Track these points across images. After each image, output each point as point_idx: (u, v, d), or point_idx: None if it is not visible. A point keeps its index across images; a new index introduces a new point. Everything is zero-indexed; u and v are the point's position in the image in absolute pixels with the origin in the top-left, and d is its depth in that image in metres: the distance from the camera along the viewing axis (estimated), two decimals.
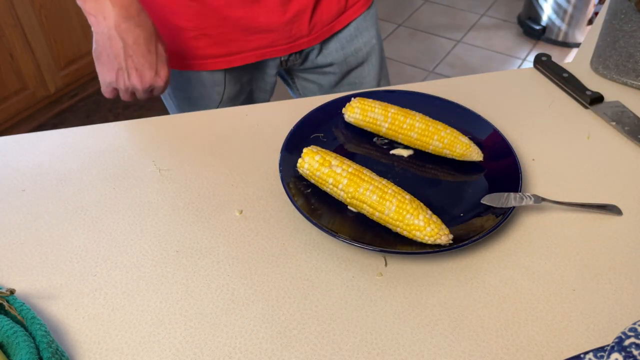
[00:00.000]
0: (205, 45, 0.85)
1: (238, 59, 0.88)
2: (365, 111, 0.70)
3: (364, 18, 0.94)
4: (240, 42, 0.86)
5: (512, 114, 0.77)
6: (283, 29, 0.86)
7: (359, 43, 0.95)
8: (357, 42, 0.95)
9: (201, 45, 0.85)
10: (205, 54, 0.86)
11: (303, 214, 0.58)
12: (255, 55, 0.88)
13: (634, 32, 0.79)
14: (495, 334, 0.51)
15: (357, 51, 0.96)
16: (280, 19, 0.85)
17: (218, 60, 0.87)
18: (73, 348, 0.50)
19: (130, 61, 0.73)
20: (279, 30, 0.86)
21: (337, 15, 0.91)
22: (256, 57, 0.89)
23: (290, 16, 0.85)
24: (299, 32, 0.88)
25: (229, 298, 0.54)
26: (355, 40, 0.95)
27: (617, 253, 0.58)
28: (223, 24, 0.83)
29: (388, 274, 0.56)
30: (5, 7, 1.88)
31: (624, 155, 0.71)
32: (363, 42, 0.96)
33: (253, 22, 0.84)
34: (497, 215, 0.59)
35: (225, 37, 0.85)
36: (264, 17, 0.84)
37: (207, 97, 0.92)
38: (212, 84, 0.90)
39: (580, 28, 2.58)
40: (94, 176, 0.67)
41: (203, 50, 0.86)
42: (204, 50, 0.86)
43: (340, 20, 0.92)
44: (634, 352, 0.43)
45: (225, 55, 0.87)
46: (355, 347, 0.50)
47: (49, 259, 0.57)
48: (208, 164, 0.69)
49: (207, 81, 0.90)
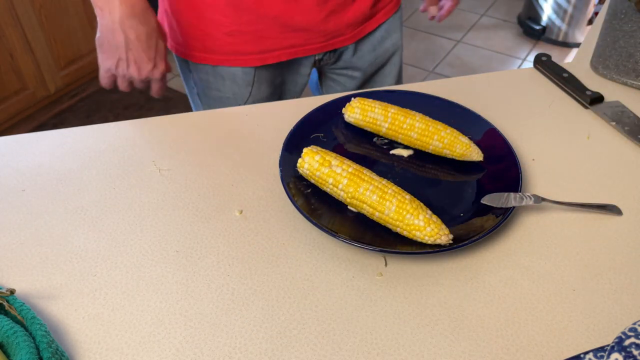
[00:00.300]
0: (239, 42, 0.86)
1: (272, 57, 0.88)
2: (365, 111, 0.70)
3: (393, 19, 0.96)
4: (275, 39, 0.87)
5: (512, 114, 0.77)
6: (318, 28, 0.87)
7: (388, 44, 0.97)
8: (386, 43, 0.97)
9: (235, 41, 0.86)
10: (238, 50, 0.87)
11: (303, 214, 0.58)
12: (289, 53, 0.89)
13: (634, 32, 0.79)
14: (495, 334, 0.51)
15: (385, 52, 0.98)
16: (316, 17, 0.86)
17: (251, 57, 0.88)
18: (73, 348, 0.50)
19: (131, 54, 0.77)
20: (314, 29, 0.87)
21: (370, 16, 0.92)
22: (290, 55, 0.89)
23: (326, 15, 0.86)
24: (334, 31, 0.89)
25: (229, 298, 0.54)
26: (385, 41, 0.96)
27: (617, 253, 0.58)
28: (259, 21, 0.84)
29: (388, 274, 0.56)
30: (5, 7, 1.88)
31: (624, 155, 0.71)
32: (391, 43, 0.98)
33: (289, 21, 0.85)
34: (497, 215, 0.59)
35: (260, 34, 0.85)
36: (301, 15, 0.85)
37: (239, 97, 0.92)
38: (246, 83, 0.91)
39: (580, 28, 2.58)
40: (94, 176, 0.67)
41: (237, 46, 0.86)
42: (238, 47, 0.86)
43: (372, 21, 0.93)
44: (634, 352, 0.43)
45: (259, 52, 0.87)
46: (355, 347, 0.50)
47: (49, 259, 0.57)
48: (208, 164, 0.69)
49: (240, 80, 0.90)
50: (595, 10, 2.54)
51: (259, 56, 0.88)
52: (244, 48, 0.87)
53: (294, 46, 0.88)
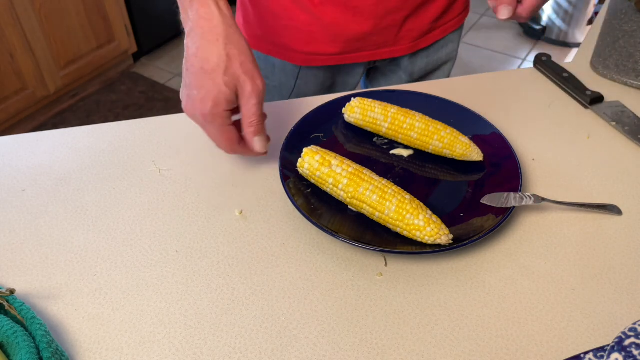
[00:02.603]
0: (292, 38, 0.85)
1: (319, 60, 0.88)
2: (365, 111, 0.70)
3: (453, 32, 0.95)
4: (326, 44, 0.86)
5: (512, 114, 0.77)
6: (372, 39, 0.86)
7: (442, 54, 0.96)
8: (441, 53, 0.95)
9: (289, 35, 0.85)
10: (288, 45, 0.86)
11: (303, 214, 0.58)
12: (337, 59, 0.88)
13: (634, 32, 0.79)
14: (495, 334, 0.51)
15: (437, 60, 0.96)
16: (371, 30, 0.84)
17: (298, 56, 0.87)
18: (73, 348, 0.50)
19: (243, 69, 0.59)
20: (368, 39, 0.86)
21: (430, 30, 0.90)
22: (337, 61, 0.88)
23: (382, 27, 0.85)
24: (386, 42, 0.88)
25: (229, 298, 0.54)
26: (441, 50, 0.95)
27: (617, 253, 0.58)
28: (314, 23, 0.83)
29: (388, 274, 0.56)
30: (5, 7, 1.89)
31: (624, 155, 0.71)
32: (446, 53, 0.96)
33: (343, 30, 0.84)
34: (497, 215, 0.59)
35: (312, 36, 0.85)
36: (355, 26, 0.84)
37: (285, 88, 0.91)
38: (293, 76, 0.90)
39: (580, 28, 2.58)
40: (94, 176, 0.67)
41: (289, 42, 0.86)
42: (290, 42, 0.86)
43: (432, 36, 0.91)
44: (634, 352, 0.43)
45: (307, 53, 0.87)
46: (355, 347, 0.50)
47: (49, 259, 0.57)
48: (208, 164, 0.69)
49: (289, 71, 0.90)
50: (595, 10, 2.54)
51: (306, 57, 0.87)
52: (294, 45, 0.86)
53: (344, 52, 0.87)
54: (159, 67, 2.51)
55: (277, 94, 0.93)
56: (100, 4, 2.20)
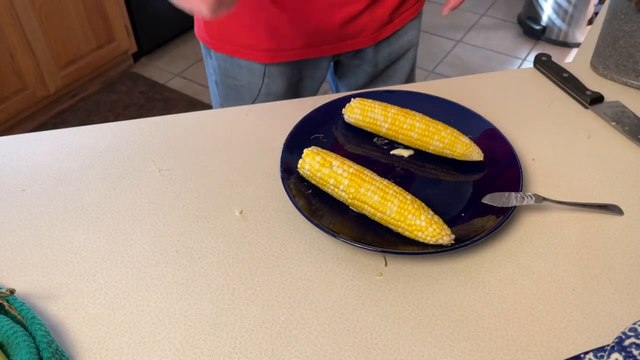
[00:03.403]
0: (254, 36, 0.86)
1: (284, 56, 0.88)
2: (365, 111, 0.70)
3: (413, 19, 0.96)
4: (289, 39, 0.86)
5: (512, 114, 0.77)
6: (334, 31, 0.87)
7: (404, 40, 0.97)
8: (403, 40, 0.97)
9: (251, 34, 0.86)
10: (252, 44, 0.87)
11: (305, 215, 0.58)
12: (302, 54, 0.89)
13: (634, 32, 0.79)
14: (495, 334, 0.51)
15: (400, 48, 0.98)
16: (333, 21, 0.85)
17: (263, 54, 0.88)
18: (73, 348, 0.50)
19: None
20: (331, 32, 0.87)
21: (390, 20, 0.92)
22: (302, 55, 0.89)
23: (343, 19, 0.86)
24: (349, 34, 0.89)
25: (229, 298, 0.54)
26: (402, 38, 0.97)
27: (617, 253, 0.58)
28: (275, 18, 0.84)
29: (388, 274, 0.56)
30: (5, 7, 1.88)
31: (624, 155, 0.71)
32: (407, 40, 0.98)
33: (305, 22, 0.85)
34: (498, 215, 0.59)
35: (275, 32, 0.85)
36: (317, 18, 0.85)
37: (254, 87, 0.92)
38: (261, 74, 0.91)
39: (580, 28, 2.58)
40: (94, 176, 0.67)
41: (251, 40, 0.87)
42: (252, 41, 0.87)
43: (393, 25, 0.93)
44: (634, 352, 0.43)
45: (272, 49, 0.87)
46: (355, 347, 0.50)
47: (49, 259, 0.57)
48: (208, 164, 0.69)
49: (257, 70, 0.90)
50: (595, 10, 2.54)
51: (271, 54, 0.88)
52: (258, 43, 0.87)
53: (308, 46, 0.88)
54: (159, 67, 2.51)
55: (246, 93, 0.94)
56: (100, 4, 2.20)
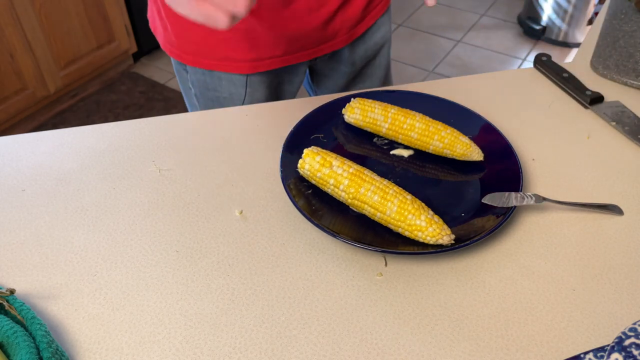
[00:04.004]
0: (231, 48, 0.85)
1: (264, 65, 0.88)
2: (365, 111, 0.70)
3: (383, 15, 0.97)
4: (268, 48, 0.86)
5: (512, 114, 0.77)
6: (311, 35, 0.87)
7: (377, 37, 0.98)
8: (376, 37, 0.97)
9: (228, 47, 0.85)
10: (230, 56, 0.86)
11: (305, 216, 0.58)
12: (282, 61, 0.89)
13: (634, 32, 0.79)
14: (495, 334, 0.51)
15: (374, 45, 0.98)
16: (310, 24, 0.85)
17: (243, 65, 0.87)
18: (73, 348, 0.50)
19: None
20: (308, 36, 0.87)
21: (362, 18, 0.92)
22: (282, 62, 0.89)
23: (320, 22, 0.86)
24: (327, 36, 0.89)
25: (229, 298, 0.54)
26: (375, 35, 0.97)
27: (617, 253, 0.58)
28: (254, 29, 0.83)
29: (388, 274, 0.56)
30: (5, 7, 1.88)
31: (624, 155, 0.71)
32: (380, 36, 0.98)
33: (283, 30, 0.84)
34: (498, 215, 0.59)
35: (254, 43, 0.85)
36: (294, 23, 0.84)
37: (236, 97, 0.92)
38: (242, 84, 0.90)
39: (580, 28, 2.58)
40: (94, 176, 0.67)
41: (229, 53, 0.86)
42: (230, 53, 0.86)
43: (364, 23, 0.93)
44: (634, 352, 0.43)
45: (251, 60, 0.87)
46: (355, 347, 0.50)
47: (49, 259, 0.57)
48: (208, 164, 0.69)
49: (237, 80, 0.90)
50: (595, 10, 2.54)
51: (252, 64, 0.87)
52: (236, 55, 0.86)
53: (288, 53, 0.88)
54: (159, 67, 2.51)
55: (229, 104, 0.93)
56: (100, 4, 2.20)
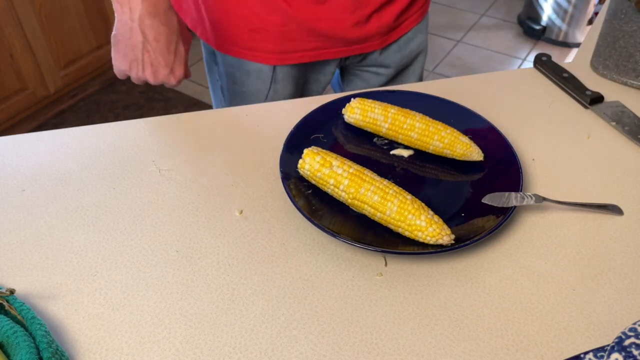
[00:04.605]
0: (262, 39, 0.85)
1: (293, 58, 0.88)
2: (365, 111, 0.70)
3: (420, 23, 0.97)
4: (299, 41, 0.86)
5: (512, 114, 0.77)
6: (344, 35, 0.87)
7: (413, 45, 0.97)
8: (412, 45, 0.97)
9: (258, 37, 0.85)
10: (260, 47, 0.86)
11: (305, 216, 0.58)
12: (311, 56, 0.89)
13: (634, 32, 0.79)
14: (495, 334, 0.51)
15: (410, 53, 0.98)
16: (344, 24, 0.85)
17: (272, 56, 0.87)
18: (73, 348, 0.50)
19: (147, 56, 0.72)
20: (340, 35, 0.87)
21: (397, 25, 0.92)
22: (311, 57, 0.89)
23: (354, 23, 0.86)
24: (361, 38, 0.89)
25: (229, 298, 0.54)
26: (411, 42, 0.97)
27: (617, 253, 0.58)
28: (286, 22, 0.83)
29: (388, 274, 0.56)
30: (5, 7, 1.88)
31: (624, 155, 0.71)
32: (417, 44, 0.98)
33: (316, 25, 0.84)
34: (498, 215, 0.59)
35: (285, 35, 0.85)
36: (328, 21, 0.84)
37: (261, 93, 0.92)
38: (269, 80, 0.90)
39: (580, 28, 2.58)
40: (94, 176, 0.67)
41: (259, 43, 0.86)
42: (260, 43, 0.86)
43: (400, 29, 0.93)
44: (634, 352, 0.43)
45: (281, 52, 0.87)
46: (355, 347, 0.50)
47: (49, 259, 0.57)
48: (208, 164, 0.69)
49: (265, 76, 0.90)
50: (595, 10, 2.54)
51: (280, 56, 0.87)
52: (266, 46, 0.86)
53: (318, 49, 0.88)
54: None
55: (254, 100, 0.93)
56: (100, 4, 2.20)
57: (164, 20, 0.71)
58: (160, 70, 0.74)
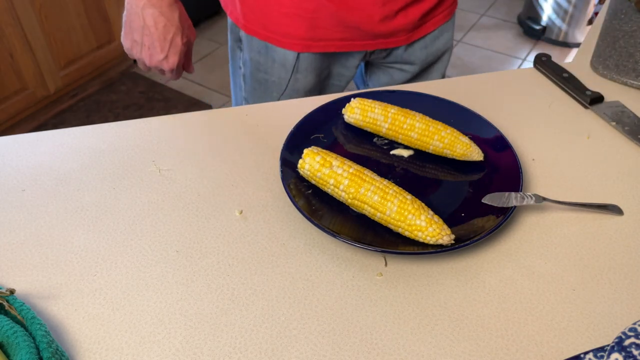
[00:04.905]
0: (291, 24, 0.87)
1: (319, 46, 0.89)
2: (365, 111, 0.70)
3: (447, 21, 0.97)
4: (327, 30, 0.87)
5: (512, 114, 0.77)
6: (372, 28, 0.88)
7: (440, 43, 0.98)
8: (438, 43, 0.98)
9: (288, 22, 0.87)
10: (288, 32, 0.88)
11: (305, 216, 0.58)
12: (338, 46, 0.90)
13: (634, 32, 0.79)
14: (495, 334, 0.51)
15: (436, 51, 0.98)
16: (373, 18, 0.86)
17: (299, 42, 0.88)
18: (73, 348, 0.50)
19: (146, 39, 0.82)
20: (368, 28, 0.88)
21: (424, 22, 0.93)
22: (337, 47, 0.90)
23: (383, 17, 0.87)
24: (388, 32, 0.89)
25: (229, 298, 0.54)
26: (437, 40, 0.97)
27: (617, 253, 0.58)
28: (317, 9, 0.85)
29: (388, 274, 0.56)
30: (5, 7, 1.88)
31: (624, 155, 0.71)
32: (443, 43, 0.99)
33: (346, 16, 0.85)
34: (498, 215, 0.59)
35: (314, 23, 0.86)
36: (358, 13, 0.86)
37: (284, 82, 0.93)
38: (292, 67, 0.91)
39: (580, 28, 2.58)
40: (94, 176, 0.67)
41: (288, 28, 0.87)
42: (289, 29, 0.87)
43: (427, 25, 0.94)
44: (634, 352, 0.43)
45: (308, 39, 0.88)
46: (355, 347, 0.50)
47: (49, 259, 0.57)
48: (208, 164, 0.69)
49: (289, 64, 0.91)
50: (595, 10, 2.54)
51: (306, 42, 0.88)
52: (294, 32, 0.87)
53: (344, 39, 0.89)
54: None
55: (275, 89, 0.94)
56: (100, 4, 2.20)
57: (164, 12, 0.80)
58: (154, 55, 0.83)
